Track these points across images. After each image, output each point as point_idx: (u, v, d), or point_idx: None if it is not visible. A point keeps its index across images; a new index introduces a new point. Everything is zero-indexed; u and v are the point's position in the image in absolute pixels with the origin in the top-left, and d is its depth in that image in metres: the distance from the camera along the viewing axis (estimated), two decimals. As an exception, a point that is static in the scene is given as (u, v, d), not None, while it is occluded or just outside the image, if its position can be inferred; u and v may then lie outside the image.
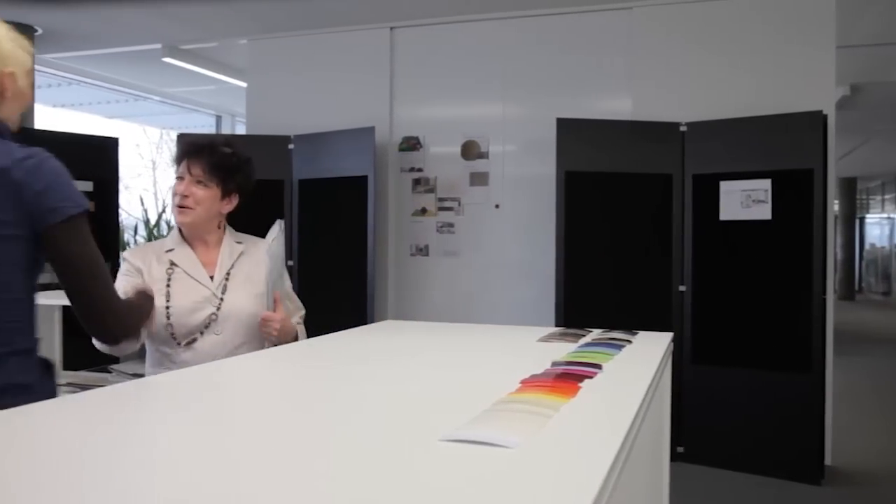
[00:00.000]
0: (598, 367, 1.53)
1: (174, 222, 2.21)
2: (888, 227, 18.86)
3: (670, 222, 4.37)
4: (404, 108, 5.27)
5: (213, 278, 2.15)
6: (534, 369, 1.46)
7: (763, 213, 4.13)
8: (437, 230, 5.18)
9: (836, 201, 15.20)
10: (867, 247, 19.23)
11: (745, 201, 4.18)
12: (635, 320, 2.71)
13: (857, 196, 17.39)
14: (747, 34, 4.50)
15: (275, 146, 5.15)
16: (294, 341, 2.17)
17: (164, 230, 7.39)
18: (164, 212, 7.71)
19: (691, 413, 4.23)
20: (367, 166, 4.89)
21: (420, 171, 5.22)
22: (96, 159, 4.99)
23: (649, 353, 1.81)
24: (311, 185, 5.15)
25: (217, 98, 8.54)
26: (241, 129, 8.75)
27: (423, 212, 5.20)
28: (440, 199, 5.17)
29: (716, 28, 4.57)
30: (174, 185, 2.17)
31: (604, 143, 4.41)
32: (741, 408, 4.16)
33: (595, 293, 4.36)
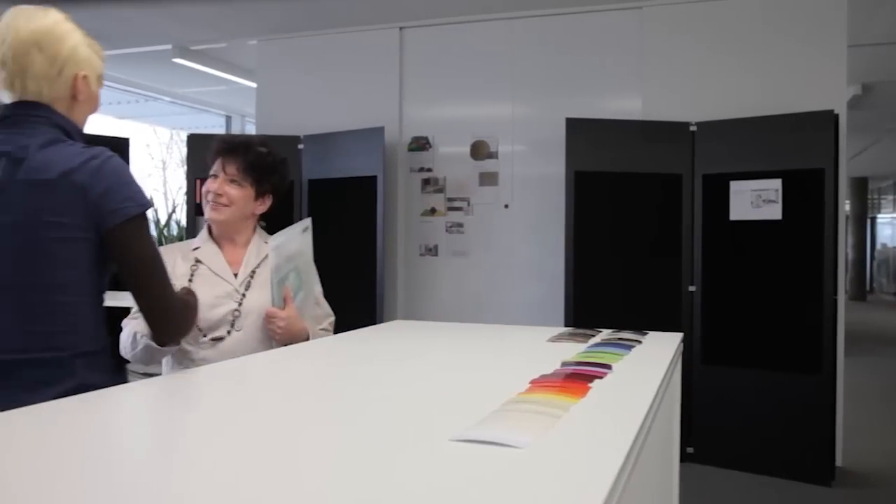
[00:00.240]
0: (607, 367, 1.53)
1: (205, 219, 2.18)
2: (900, 226, 18.76)
3: (680, 222, 4.36)
4: (414, 108, 5.28)
5: (237, 276, 2.13)
6: (543, 369, 1.46)
7: (773, 213, 4.11)
8: (446, 230, 5.18)
9: (847, 201, 15.12)
10: (878, 247, 19.11)
11: (755, 201, 4.16)
12: (645, 320, 2.71)
13: (869, 196, 17.28)
14: (758, 33, 4.48)
15: (284, 146, 5.14)
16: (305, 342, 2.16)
17: (175, 230, 7.41)
18: (174, 212, 7.73)
19: (701, 413, 4.22)
20: (376, 166, 4.90)
21: (429, 171, 5.23)
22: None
23: (659, 353, 1.80)
24: (320, 185, 5.16)
25: (227, 98, 8.56)
26: (251, 130, 8.78)
27: (432, 212, 5.21)
28: (449, 199, 5.17)
29: (726, 27, 4.55)
30: (207, 183, 2.15)
31: (613, 142, 4.40)
32: (751, 408, 4.14)
33: (604, 293, 4.36)
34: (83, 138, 1.53)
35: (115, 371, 1.54)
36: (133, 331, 1.84)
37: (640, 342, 1.95)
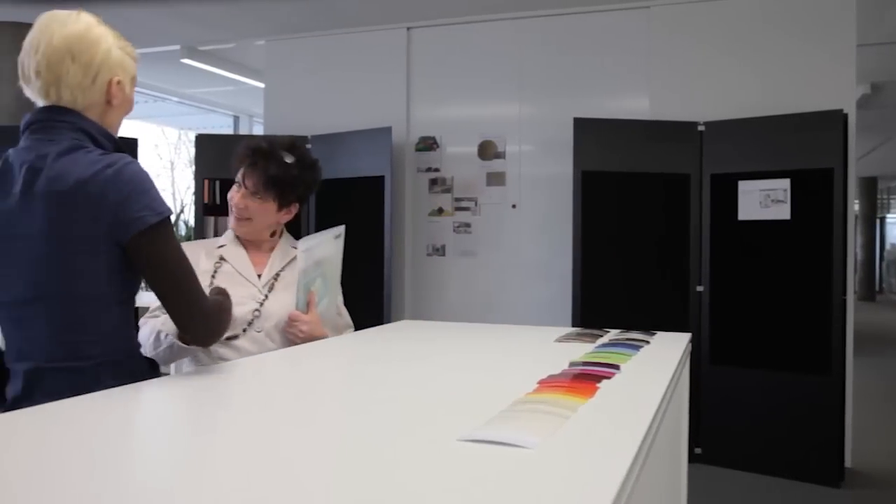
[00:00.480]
0: (615, 367, 1.53)
1: (231, 226, 2.15)
2: (909, 227, 18.67)
3: (688, 222, 4.35)
4: (421, 108, 5.28)
5: (260, 277, 2.10)
6: (551, 370, 1.46)
7: (782, 213, 4.10)
8: (453, 230, 5.18)
9: (857, 201, 15.06)
10: (888, 247, 19.02)
11: (763, 201, 4.15)
12: (652, 320, 2.71)
13: (878, 196, 17.20)
14: (767, 33, 4.46)
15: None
16: None
17: (182, 230, 7.44)
18: (182, 212, 7.75)
19: (709, 414, 4.21)
20: (384, 166, 4.90)
21: (437, 171, 5.23)
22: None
23: (667, 353, 1.80)
24: (328, 186, 5.09)
25: (235, 99, 8.59)
26: (259, 130, 8.79)
27: (439, 212, 5.21)
28: (457, 199, 5.17)
29: (734, 27, 4.53)
30: (231, 190, 2.11)
31: (621, 142, 4.39)
32: (760, 409, 4.13)
33: (612, 293, 4.35)
34: (113, 141, 1.51)
35: (144, 376, 1.46)
36: (156, 329, 1.78)
37: (648, 342, 1.95)
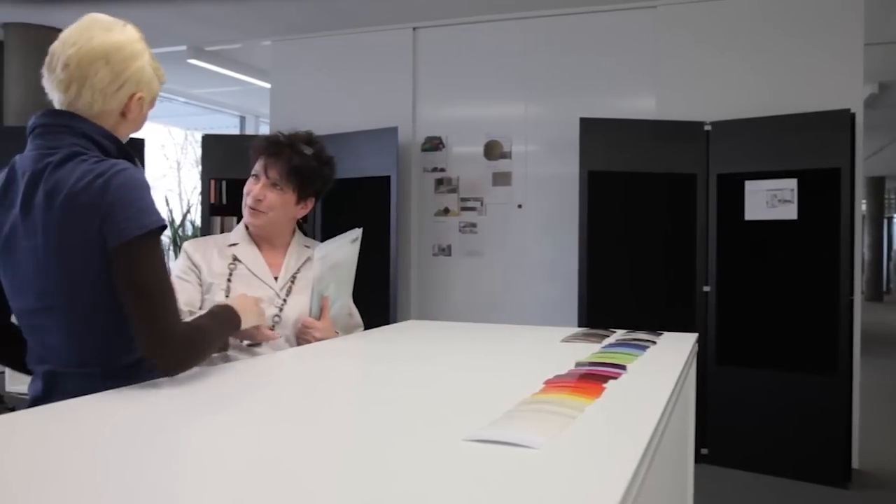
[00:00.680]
0: (622, 367, 1.52)
1: (245, 220, 2.10)
2: (917, 227, 18.59)
3: (694, 222, 4.34)
4: (427, 108, 5.28)
5: (276, 279, 2.07)
6: (557, 370, 1.46)
7: (789, 212, 4.09)
8: (459, 230, 5.18)
9: (864, 201, 15.00)
10: (895, 247, 18.95)
11: (770, 201, 4.13)
12: (659, 321, 2.70)
13: (886, 196, 17.14)
14: (773, 32, 4.45)
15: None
16: None
17: (189, 230, 7.45)
18: (188, 212, 7.77)
19: (716, 414, 4.20)
20: (389, 166, 4.91)
21: (443, 171, 5.23)
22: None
23: (674, 354, 1.80)
24: (334, 185, 5.16)
25: (241, 99, 8.60)
26: (265, 130, 8.81)
27: (445, 212, 5.21)
28: (463, 199, 5.17)
29: (741, 26, 4.52)
30: (248, 183, 2.06)
31: (627, 142, 4.38)
32: (766, 409, 4.12)
33: (618, 293, 4.34)
34: (116, 143, 1.48)
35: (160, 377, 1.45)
36: None
37: (654, 343, 1.94)
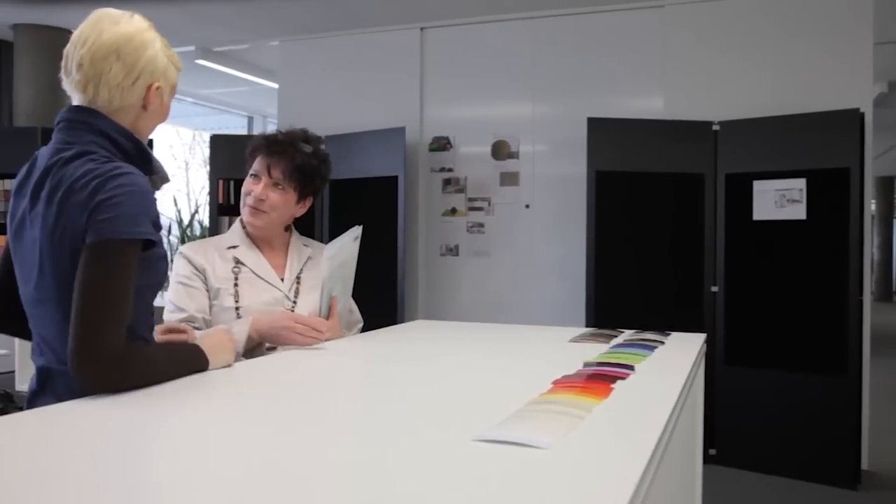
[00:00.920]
0: (630, 368, 1.52)
1: (244, 221, 2.07)
2: (926, 227, 18.44)
3: (702, 222, 4.33)
4: (435, 108, 5.28)
5: (282, 280, 2.06)
6: (565, 370, 1.46)
7: (797, 212, 4.07)
8: (467, 230, 5.18)
9: (873, 201, 14.90)
10: (905, 247, 18.82)
11: (779, 201, 4.12)
12: (667, 321, 2.69)
13: (895, 195, 17.05)
14: (782, 31, 4.43)
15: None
16: None
17: (197, 230, 7.47)
18: (196, 212, 7.79)
19: (724, 415, 4.18)
20: (397, 166, 4.91)
21: (450, 171, 5.23)
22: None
23: (682, 354, 1.79)
24: (342, 186, 5.17)
25: (249, 99, 8.62)
26: (272, 130, 8.81)
27: (453, 212, 5.21)
28: (470, 199, 5.17)
29: (749, 25, 4.51)
30: (248, 183, 2.05)
31: (635, 142, 4.37)
32: (775, 410, 4.10)
33: (626, 293, 4.33)
34: (133, 142, 1.47)
35: None
36: None
37: (662, 343, 1.94)
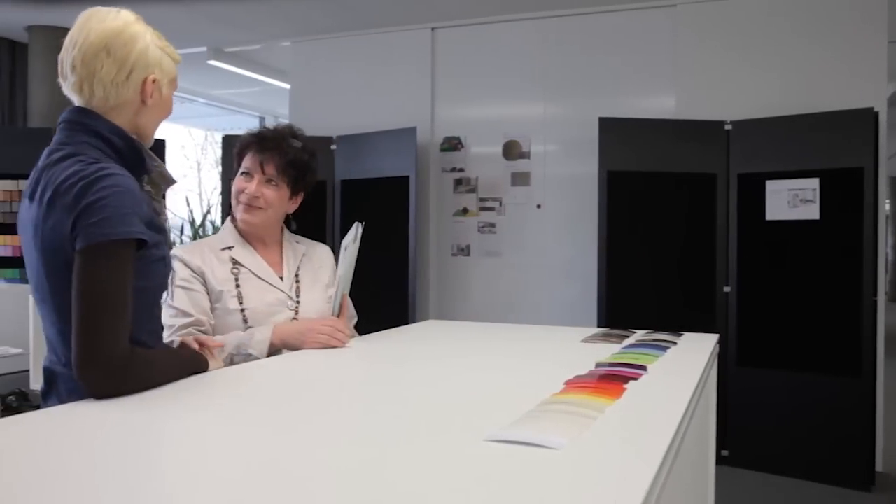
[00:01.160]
0: (642, 368, 1.52)
1: (238, 219, 2.03)
2: (942, 226, 18.30)
3: (715, 222, 4.31)
4: (446, 108, 5.28)
5: (281, 279, 2.04)
6: (578, 370, 1.46)
7: (811, 212, 4.05)
8: (478, 230, 5.17)
9: (887, 201, 14.78)
10: (919, 247, 18.68)
11: (792, 201, 4.10)
12: (679, 321, 2.68)
13: (909, 195, 16.92)
14: (795, 30, 4.41)
15: (317, 147, 5.14)
16: None
17: (210, 230, 7.50)
18: (208, 212, 7.83)
19: (736, 416, 4.16)
20: (408, 166, 4.91)
21: (461, 171, 5.23)
22: (144, 161, 5.07)
23: (695, 355, 1.79)
24: (353, 186, 5.19)
25: (261, 99, 8.64)
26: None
27: (464, 212, 5.20)
28: (481, 199, 5.17)
29: (761, 24, 4.48)
30: (239, 181, 2.02)
31: (647, 142, 4.36)
32: (788, 411, 4.08)
33: (638, 294, 4.32)
34: (127, 140, 1.45)
35: None
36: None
37: (675, 343, 1.93)
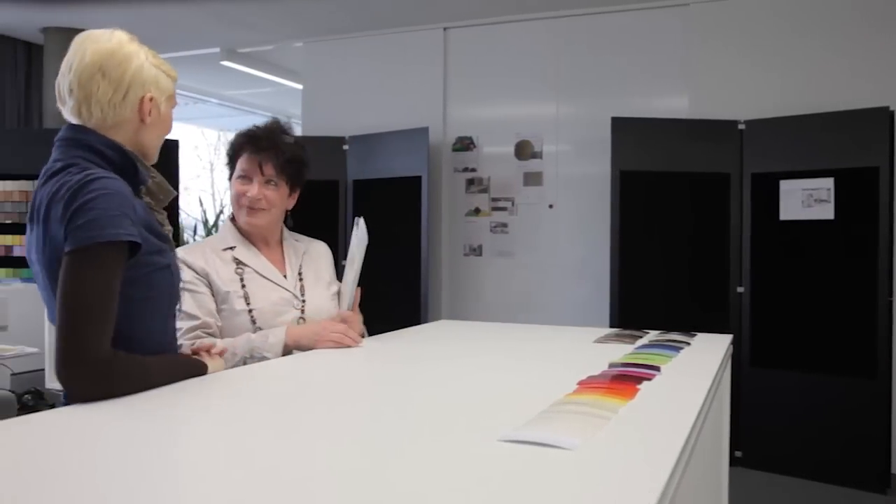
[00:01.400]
0: (656, 369, 1.51)
1: (243, 222, 2.01)
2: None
3: (728, 222, 4.29)
4: (458, 108, 5.28)
5: (285, 278, 2.02)
6: (591, 370, 1.46)
7: (825, 212, 4.02)
8: (490, 230, 5.17)
9: (902, 200, 14.66)
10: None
11: (806, 200, 4.07)
12: (692, 321, 2.68)
13: (925, 195, 16.79)
14: (809, 28, 4.38)
15: (330, 147, 5.21)
16: None
17: (222, 230, 7.54)
18: (221, 212, 7.87)
19: (750, 417, 4.14)
20: (420, 166, 4.92)
21: (474, 171, 5.23)
22: (157, 162, 5.10)
23: (708, 355, 1.78)
24: (365, 186, 5.20)
25: (273, 100, 8.67)
26: (298, 131, 8.82)
27: (476, 212, 5.20)
28: (494, 199, 5.17)
29: (775, 22, 4.46)
30: (238, 185, 1.99)
31: (660, 141, 4.34)
32: (802, 412, 4.06)
33: (651, 294, 4.31)
34: (120, 154, 1.46)
35: None
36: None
37: (688, 344, 1.93)
